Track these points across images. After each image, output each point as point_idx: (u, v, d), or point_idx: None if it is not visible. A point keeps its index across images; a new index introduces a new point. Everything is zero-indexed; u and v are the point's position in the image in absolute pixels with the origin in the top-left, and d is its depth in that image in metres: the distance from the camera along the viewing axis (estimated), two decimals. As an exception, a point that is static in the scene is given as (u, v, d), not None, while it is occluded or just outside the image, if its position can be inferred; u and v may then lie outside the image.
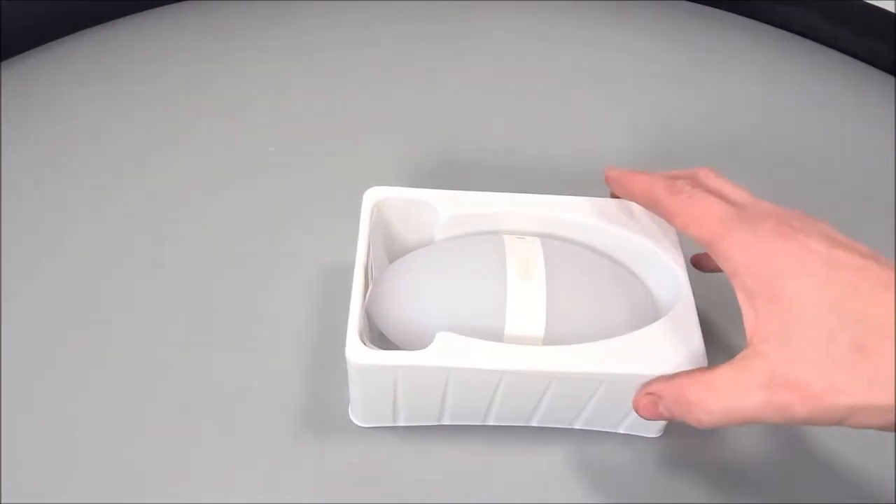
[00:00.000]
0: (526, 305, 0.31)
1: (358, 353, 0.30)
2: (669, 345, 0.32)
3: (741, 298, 0.28)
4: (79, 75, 0.55)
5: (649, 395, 0.30)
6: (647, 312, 0.34)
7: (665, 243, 0.35)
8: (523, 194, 0.36)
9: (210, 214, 0.45)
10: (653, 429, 0.36)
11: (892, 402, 0.24)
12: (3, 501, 0.33)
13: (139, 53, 0.57)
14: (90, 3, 0.59)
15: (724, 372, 0.28)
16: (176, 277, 0.42)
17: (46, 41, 0.58)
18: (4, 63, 0.55)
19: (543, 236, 0.35)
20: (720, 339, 0.39)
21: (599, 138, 0.52)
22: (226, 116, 0.52)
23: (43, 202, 0.46)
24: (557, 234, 0.36)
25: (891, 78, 0.58)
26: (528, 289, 0.31)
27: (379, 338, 0.35)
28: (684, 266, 0.35)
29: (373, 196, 0.36)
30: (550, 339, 0.31)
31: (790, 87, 0.57)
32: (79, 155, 0.49)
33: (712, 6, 0.64)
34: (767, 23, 0.63)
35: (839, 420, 0.25)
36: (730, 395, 0.27)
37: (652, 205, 0.32)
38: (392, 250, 0.37)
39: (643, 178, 0.33)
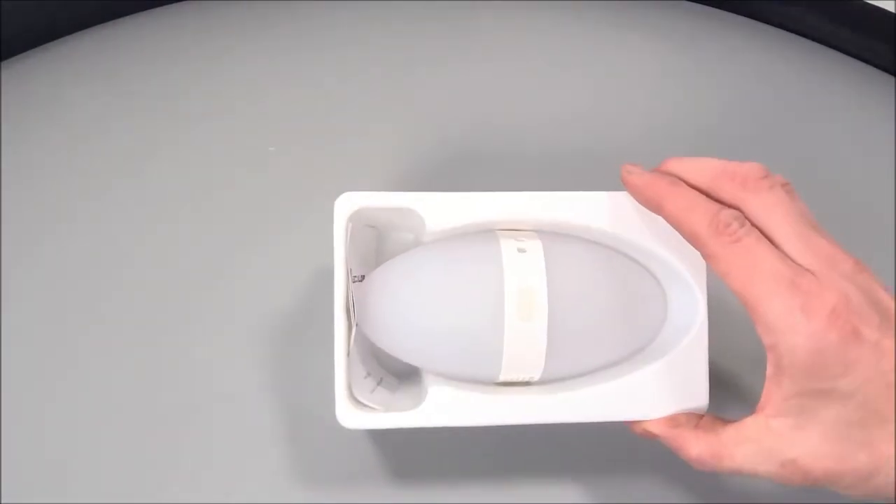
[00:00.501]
0: (524, 349, 0.29)
1: (347, 417, 0.30)
2: (673, 387, 0.30)
3: (770, 371, 0.27)
4: (79, 75, 0.55)
5: (646, 433, 0.31)
6: (656, 323, 0.32)
7: (688, 255, 0.31)
8: (520, 192, 0.33)
9: (210, 214, 0.45)
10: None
11: (884, 491, 0.26)
12: (3, 502, 0.33)
13: (139, 53, 0.57)
14: (90, 3, 0.59)
15: (730, 435, 0.28)
16: (178, 276, 0.42)
17: (46, 41, 0.58)
18: (4, 63, 0.55)
19: (544, 233, 0.32)
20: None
21: (597, 138, 0.51)
22: (226, 116, 0.52)
23: (43, 202, 0.46)
24: (561, 231, 0.33)
25: (891, 78, 0.58)
26: (527, 331, 0.29)
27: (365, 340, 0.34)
28: (704, 290, 0.32)
29: (347, 204, 0.33)
30: (548, 375, 0.30)
31: (790, 87, 0.57)
32: (78, 155, 0.49)
33: (712, 6, 0.64)
34: (767, 23, 0.63)
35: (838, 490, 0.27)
36: (737, 459, 0.28)
37: (688, 235, 0.29)
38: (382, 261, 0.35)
39: (678, 198, 0.29)
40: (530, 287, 0.29)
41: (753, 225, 0.27)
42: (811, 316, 0.25)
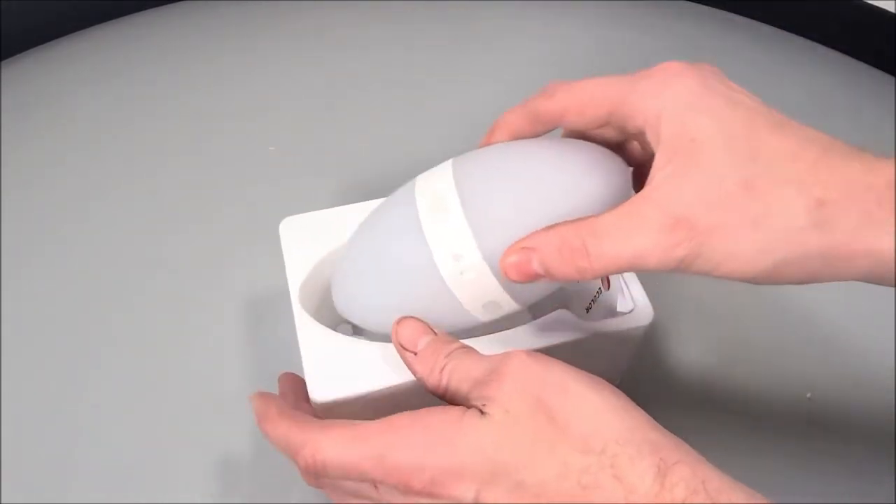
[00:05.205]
0: (448, 240, 0.28)
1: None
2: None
3: (654, 151, 0.26)
4: (79, 75, 0.55)
5: (523, 251, 0.26)
6: (616, 181, 0.29)
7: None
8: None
9: (210, 213, 0.45)
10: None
11: (772, 245, 0.23)
12: (3, 502, 0.33)
13: (139, 53, 0.57)
14: (90, 3, 0.59)
15: (612, 215, 0.25)
16: (178, 276, 0.42)
17: (46, 41, 0.58)
18: (4, 63, 0.55)
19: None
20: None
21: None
22: (227, 115, 0.52)
23: (43, 201, 0.46)
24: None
25: (891, 78, 0.58)
26: (441, 221, 0.28)
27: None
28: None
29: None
30: (496, 249, 0.27)
31: (790, 87, 0.57)
32: (78, 154, 0.49)
33: (712, 6, 0.64)
34: (767, 23, 0.63)
35: (715, 264, 0.24)
36: (617, 238, 0.25)
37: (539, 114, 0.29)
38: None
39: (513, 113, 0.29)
40: (438, 187, 0.28)
41: None
42: (662, 77, 0.26)
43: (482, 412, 0.24)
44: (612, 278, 0.33)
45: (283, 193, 0.46)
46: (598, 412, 0.23)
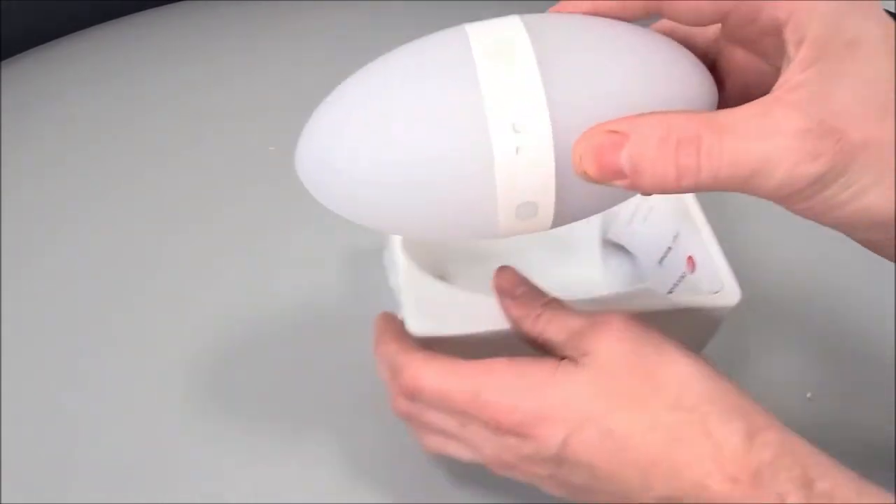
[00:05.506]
0: (511, 100, 0.20)
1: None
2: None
3: (786, 50, 0.21)
4: (79, 75, 0.55)
5: (611, 135, 0.20)
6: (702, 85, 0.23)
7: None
8: None
9: (210, 213, 0.45)
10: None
11: None
12: (3, 502, 0.33)
13: (139, 53, 0.57)
14: (90, 3, 0.59)
15: (738, 111, 0.20)
16: (178, 276, 0.42)
17: (46, 41, 0.58)
18: (4, 63, 0.55)
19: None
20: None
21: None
22: (227, 115, 0.52)
23: (43, 202, 0.46)
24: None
25: (891, 78, 0.58)
26: (505, 73, 0.20)
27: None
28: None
29: None
30: (572, 125, 0.21)
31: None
32: (78, 154, 0.49)
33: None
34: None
35: (859, 190, 0.20)
36: (744, 134, 0.19)
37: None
38: None
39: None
40: (504, 37, 0.21)
41: None
42: None
43: (577, 363, 0.24)
44: (698, 260, 0.32)
45: (283, 193, 0.46)
46: (691, 375, 0.24)
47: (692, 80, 0.22)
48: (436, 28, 0.24)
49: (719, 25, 0.23)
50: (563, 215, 0.23)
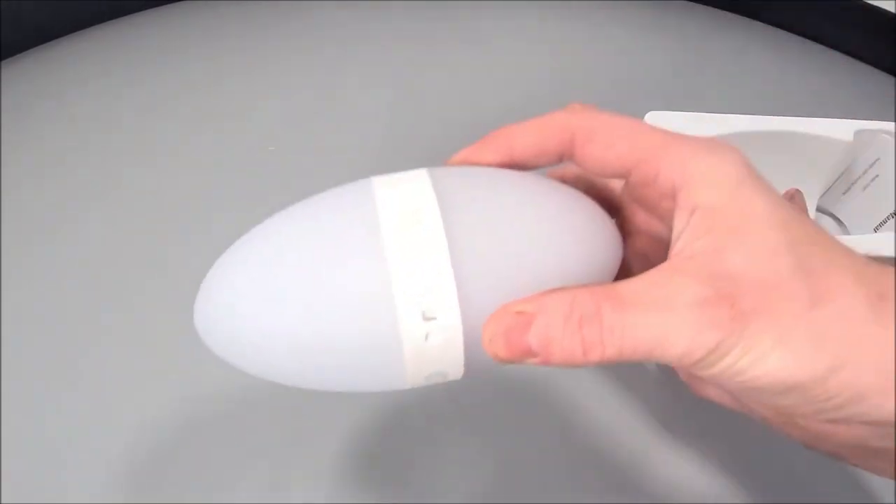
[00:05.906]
0: (420, 289, 0.20)
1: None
2: None
3: (678, 215, 0.22)
4: (79, 75, 0.55)
5: (518, 316, 0.20)
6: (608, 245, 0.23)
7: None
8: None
9: (210, 213, 0.45)
10: None
11: (831, 331, 0.19)
12: (3, 502, 0.33)
13: (139, 53, 0.57)
14: (90, 3, 0.59)
15: (637, 281, 0.20)
16: (178, 276, 0.42)
17: (46, 41, 0.58)
18: (4, 63, 0.55)
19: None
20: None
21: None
22: (226, 116, 0.52)
23: (43, 201, 0.46)
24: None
25: (891, 78, 0.58)
26: (418, 255, 0.20)
27: None
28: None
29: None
30: (481, 309, 0.21)
31: (790, 87, 0.57)
32: (78, 154, 0.49)
33: (712, 6, 0.65)
34: (767, 23, 0.63)
35: (758, 356, 0.20)
36: (644, 309, 0.20)
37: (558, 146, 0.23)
38: None
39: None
40: (413, 208, 0.20)
41: None
42: (705, 143, 0.22)
43: None
44: None
45: (283, 193, 0.46)
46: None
47: (600, 239, 0.23)
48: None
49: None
50: (474, 373, 0.23)
